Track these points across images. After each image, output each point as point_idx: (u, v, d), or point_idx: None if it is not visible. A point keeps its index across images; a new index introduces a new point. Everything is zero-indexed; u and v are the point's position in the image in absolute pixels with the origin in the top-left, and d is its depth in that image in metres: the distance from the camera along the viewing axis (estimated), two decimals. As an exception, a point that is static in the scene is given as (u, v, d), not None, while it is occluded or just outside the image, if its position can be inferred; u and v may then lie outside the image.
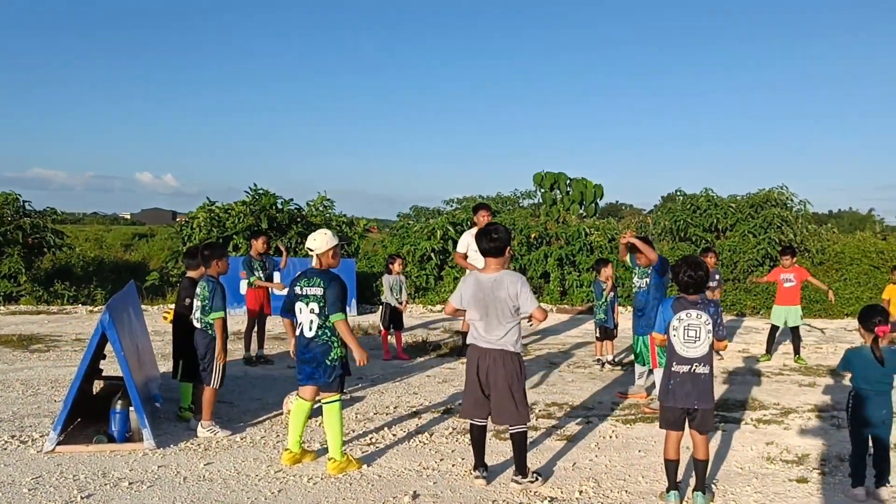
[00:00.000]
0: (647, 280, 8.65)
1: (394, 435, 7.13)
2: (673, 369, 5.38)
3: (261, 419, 7.63)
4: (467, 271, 5.93)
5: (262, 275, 10.93)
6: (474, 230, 11.23)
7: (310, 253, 6.13)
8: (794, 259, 11.65)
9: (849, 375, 5.78)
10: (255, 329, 10.96)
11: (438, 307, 18.09)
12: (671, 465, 5.43)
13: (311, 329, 5.97)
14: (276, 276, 15.55)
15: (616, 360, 11.06)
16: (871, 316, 5.59)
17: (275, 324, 14.14)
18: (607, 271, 10.93)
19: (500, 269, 5.63)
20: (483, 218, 10.90)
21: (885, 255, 19.53)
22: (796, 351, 11.64)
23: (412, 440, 6.96)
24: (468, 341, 5.75)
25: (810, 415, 8.19)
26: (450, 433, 7.21)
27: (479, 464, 5.80)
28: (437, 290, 18.58)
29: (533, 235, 18.91)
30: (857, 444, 5.67)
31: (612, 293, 10.91)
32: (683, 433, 5.47)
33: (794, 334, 11.69)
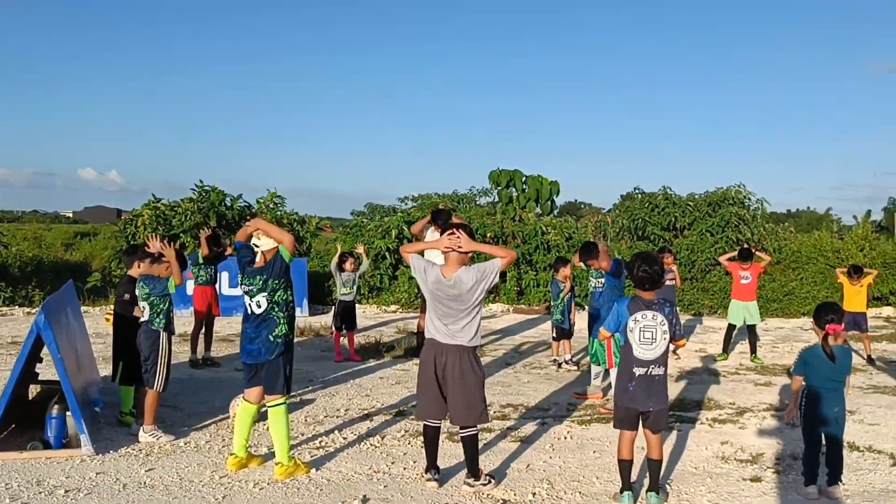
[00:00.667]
0: (602, 281, 8.77)
1: (344, 438, 7.10)
2: (633, 371, 5.41)
3: (206, 423, 7.54)
4: (429, 260, 5.90)
5: (205, 275, 10.84)
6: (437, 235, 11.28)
7: (256, 249, 6.07)
8: (751, 262, 11.88)
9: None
10: (203, 331, 10.84)
11: (393, 307, 18.07)
12: (625, 466, 5.48)
13: (259, 306, 5.95)
14: (224, 277, 15.42)
15: (573, 360, 11.14)
16: (824, 313, 5.71)
17: (223, 325, 14.01)
18: (565, 271, 11.01)
19: (459, 266, 5.62)
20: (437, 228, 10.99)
21: (842, 254, 19.98)
22: (753, 350, 11.85)
23: (363, 443, 6.93)
24: (427, 336, 5.72)
25: (765, 414, 8.34)
26: (402, 436, 7.20)
27: (432, 466, 5.80)
28: (391, 290, 18.55)
29: (489, 234, 18.98)
30: (809, 443, 5.78)
31: (569, 293, 10.98)
32: (637, 433, 5.52)
33: (752, 333, 11.91)
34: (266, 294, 5.93)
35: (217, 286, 11.46)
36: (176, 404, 8.25)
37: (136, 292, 7.28)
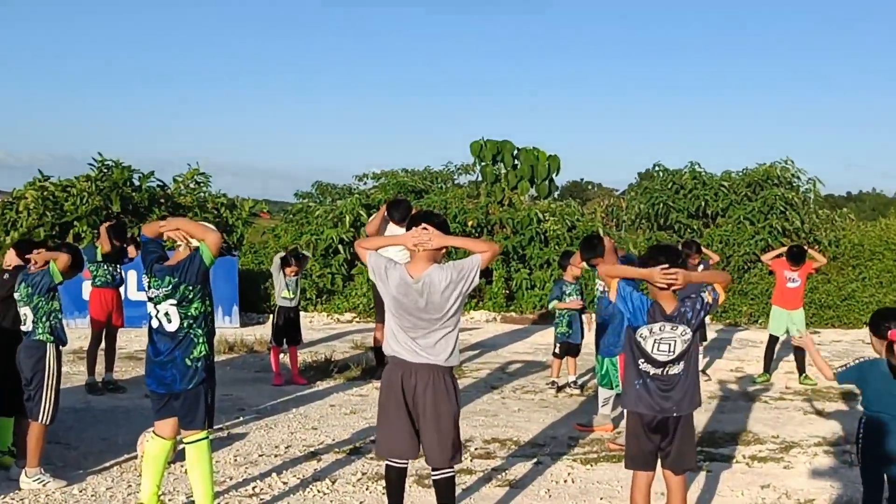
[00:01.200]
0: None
1: (284, 483, 7.11)
2: (641, 367, 5.51)
3: (107, 465, 7.52)
4: (390, 258, 5.91)
5: (106, 275, 10.79)
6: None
7: (175, 246, 6.09)
8: (800, 266, 12.00)
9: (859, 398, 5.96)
10: (103, 346, 10.79)
11: (347, 315, 18.10)
12: (639, 516, 5.53)
13: (170, 321, 5.94)
14: (132, 278, 15.34)
15: (577, 383, 11.21)
16: (884, 319, 5.76)
17: (128, 339, 13.96)
18: (575, 270, 11.01)
19: (429, 264, 5.62)
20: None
21: (915, 248, 20.25)
22: (801, 369, 11.98)
23: (308, 489, 6.95)
24: (388, 353, 5.73)
25: (817, 450, 8.45)
26: (358, 479, 7.22)
27: (396, 518, 5.82)
28: (345, 293, 18.56)
29: (471, 223, 19.04)
30: (869, 486, 5.84)
31: (579, 306, 11.04)
32: (655, 474, 5.57)
33: (798, 348, 12.03)
34: (175, 303, 5.91)
35: (123, 290, 11.43)
36: (68, 441, 8.21)
37: (16, 294, 7.23)
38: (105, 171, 18.09)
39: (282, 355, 11.61)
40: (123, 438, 8.30)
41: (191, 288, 5.92)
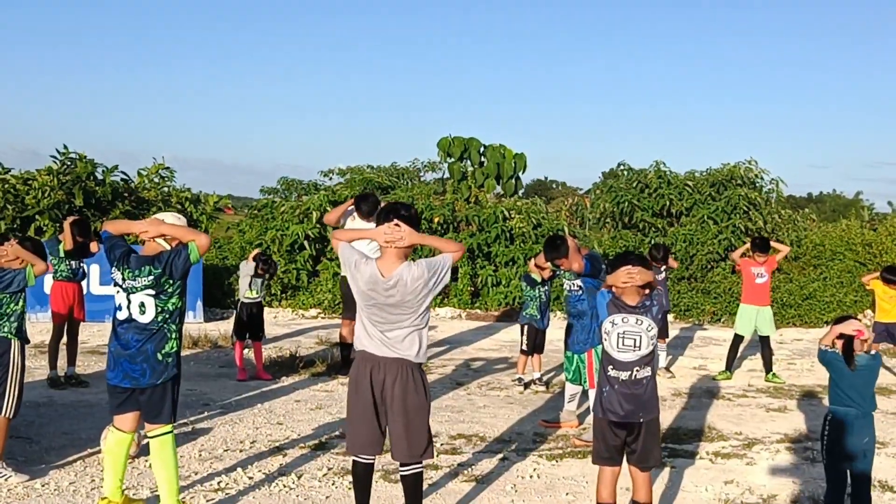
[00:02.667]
0: (579, 282, 8.81)
1: (250, 478, 7.08)
2: (609, 373, 5.57)
3: (70, 459, 7.45)
4: (363, 252, 5.91)
5: (67, 269, 10.69)
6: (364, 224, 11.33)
7: (140, 241, 6.05)
8: (767, 255, 12.12)
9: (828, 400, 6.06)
10: (65, 340, 10.70)
11: (312, 311, 18.05)
12: (605, 511, 5.57)
13: (144, 312, 5.87)
14: (94, 272, 15.20)
15: (542, 379, 11.26)
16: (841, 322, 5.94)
17: (90, 333, 13.84)
18: (545, 273, 11.05)
19: (400, 261, 5.62)
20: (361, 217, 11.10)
21: (874, 248, 20.51)
22: (768, 367, 12.10)
23: (273, 484, 6.92)
24: (357, 347, 5.72)
25: (779, 446, 8.54)
26: (324, 475, 7.21)
27: (363, 513, 5.81)
28: (310, 289, 18.51)
29: (437, 219, 19.03)
30: (833, 482, 5.94)
31: (547, 286, 11.12)
32: (621, 470, 5.62)
33: (765, 346, 12.16)
34: (154, 295, 5.86)
35: (85, 284, 11.32)
36: (30, 435, 8.14)
37: None
38: (68, 164, 17.89)
39: (246, 350, 11.57)
40: (87, 433, 8.23)
41: (171, 282, 5.87)
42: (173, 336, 5.96)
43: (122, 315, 5.94)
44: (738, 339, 12.30)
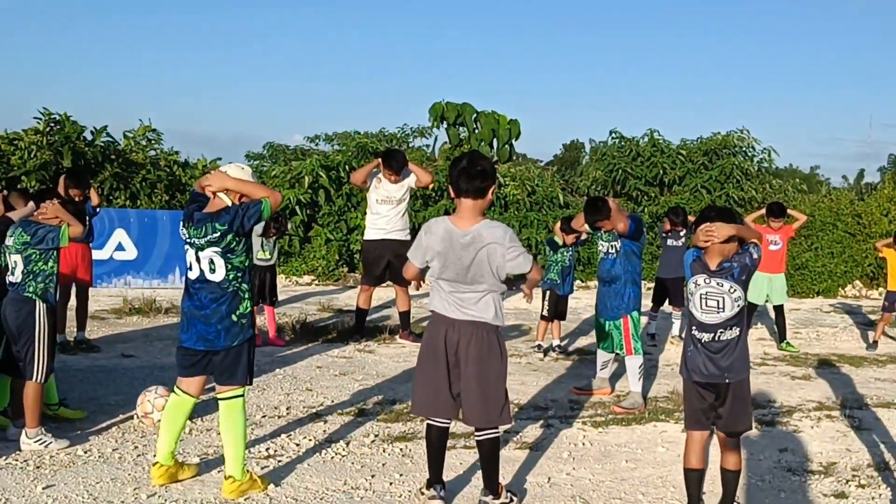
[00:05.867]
0: (617, 245, 8.63)
1: (297, 445, 6.88)
2: (694, 334, 5.44)
3: (104, 425, 7.21)
4: (433, 223, 5.71)
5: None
6: (381, 175, 11.11)
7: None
8: (783, 221, 12.03)
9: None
10: (73, 304, 10.38)
11: (306, 278, 17.79)
12: (693, 477, 5.44)
13: (214, 271, 5.63)
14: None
15: (561, 346, 11.13)
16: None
17: (98, 297, 13.50)
18: (568, 239, 10.88)
19: (478, 218, 5.44)
20: (390, 175, 10.92)
21: (864, 219, 20.56)
22: (782, 336, 12.06)
23: (324, 452, 6.73)
24: (430, 308, 5.54)
25: (818, 414, 8.46)
26: (371, 441, 7.04)
27: (436, 480, 5.64)
28: (303, 256, 18.23)
29: (431, 186, 18.75)
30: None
31: (571, 251, 10.96)
32: (711, 435, 5.50)
33: (779, 315, 12.11)
34: (220, 252, 5.60)
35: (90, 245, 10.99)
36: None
37: (7, 241, 6.83)
38: (54, 125, 17.39)
39: (259, 316, 11.30)
40: (114, 398, 8.02)
41: (238, 240, 5.61)
42: (246, 296, 5.74)
43: (193, 274, 5.68)
44: (750, 307, 12.20)
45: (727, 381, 5.38)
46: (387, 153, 11.37)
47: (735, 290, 5.40)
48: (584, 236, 10.81)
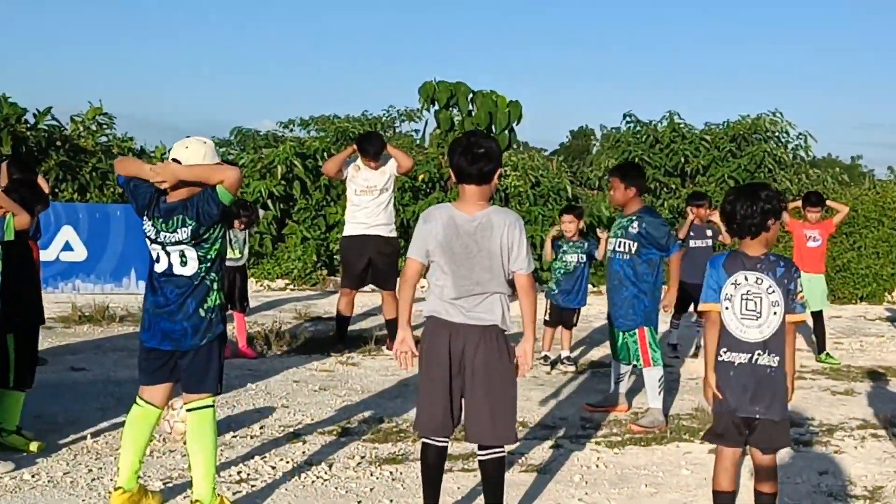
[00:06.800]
0: (632, 246, 8.56)
1: (272, 468, 6.94)
2: (723, 359, 5.44)
3: (52, 447, 7.24)
4: (433, 209, 5.73)
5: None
6: (359, 161, 11.17)
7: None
8: (821, 212, 12.07)
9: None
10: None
11: (280, 283, 17.85)
12: (724, 501, 5.49)
13: (185, 264, 5.70)
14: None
15: (571, 358, 11.17)
16: None
17: (44, 304, 13.47)
18: (567, 223, 10.95)
19: (485, 204, 5.49)
20: (368, 162, 10.98)
21: (914, 215, 20.62)
22: (821, 347, 12.07)
23: (304, 475, 6.78)
24: (427, 312, 5.58)
25: (862, 433, 8.54)
26: (357, 464, 7.09)
27: (433, 507, 5.69)
28: (276, 257, 18.27)
29: (421, 177, 18.84)
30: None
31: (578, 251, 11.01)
32: (743, 452, 5.56)
33: (817, 322, 12.11)
34: (195, 245, 5.66)
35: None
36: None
37: None
38: (-14, 106, 17.42)
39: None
40: (63, 416, 8.07)
41: (209, 230, 5.68)
42: (215, 287, 5.80)
43: (160, 266, 5.74)
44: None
45: (758, 416, 5.41)
46: (361, 137, 11.41)
47: (773, 292, 5.41)
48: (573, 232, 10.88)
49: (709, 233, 11.99)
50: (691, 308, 11.72)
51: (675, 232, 11.16)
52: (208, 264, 5.74)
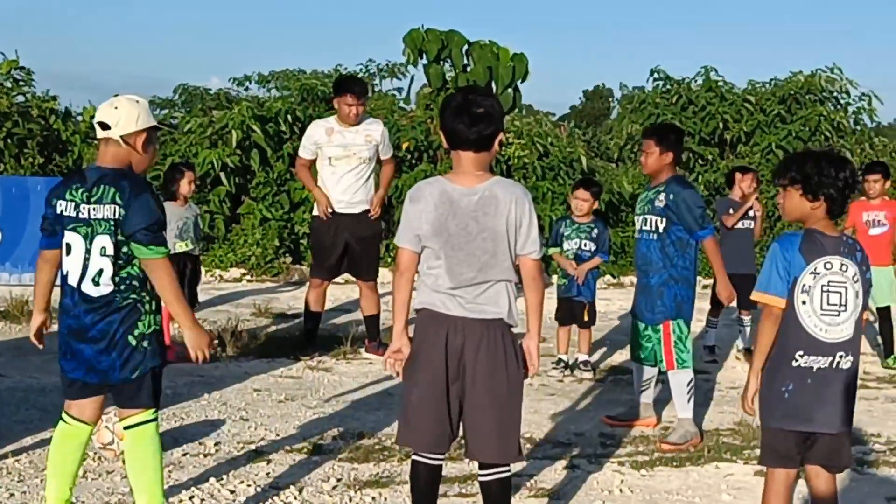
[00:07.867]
0: (660, 223, 8.59)
1: (231, 492, 6.99)
2: (798, 364, 5.45)
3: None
4: (422, 185, 5.75)
5: None
6: (331, 121, 11.14)
7: (99, 135, 5.77)
8: (888, 185, 12.02)
9: None
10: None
11: (235, 272, 17.89)
12: (777, 528, 5.55)
13: (97, 281, 5.68)
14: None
15: (590, 362, 11.23)
16: None
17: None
18: (580, 200, 11.02)
19: (485, 174, 5.52)
20: (350, 107, 10.84)
21: None
22: (888, 350, 12.08)
23: (269, 500, 6.85)
24: (418, 305, 5.60)
25: (938, 452, 8.60)
26: (333, 487, 7.15)
27: (425, 536, 5.74)
28: (230, 241, 18.31)
29: (406, 145, 18.87)
30: None
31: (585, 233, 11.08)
32: (798, 474, 5.61)
33: (884, 321, 12.11)
34: (112, 240, 5.66)
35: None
36: None
37: None
38: None
39: (172, 324, 11.33)
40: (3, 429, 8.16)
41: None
42: (147, 308, 5.79)
43: (71, 277, 5.74)
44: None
45: (825, 430, 5.46)
46: (342, 80, 11.39)
47: (857, 280, 5.43)
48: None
49: (751, 213, 11.92)
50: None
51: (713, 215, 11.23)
52: (133, 282, 5.72)
